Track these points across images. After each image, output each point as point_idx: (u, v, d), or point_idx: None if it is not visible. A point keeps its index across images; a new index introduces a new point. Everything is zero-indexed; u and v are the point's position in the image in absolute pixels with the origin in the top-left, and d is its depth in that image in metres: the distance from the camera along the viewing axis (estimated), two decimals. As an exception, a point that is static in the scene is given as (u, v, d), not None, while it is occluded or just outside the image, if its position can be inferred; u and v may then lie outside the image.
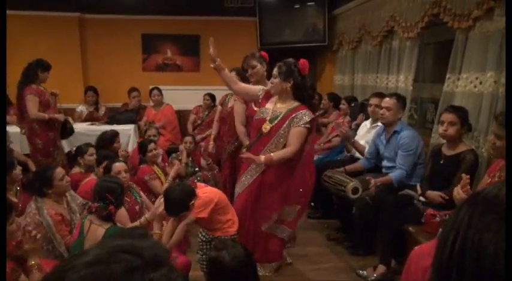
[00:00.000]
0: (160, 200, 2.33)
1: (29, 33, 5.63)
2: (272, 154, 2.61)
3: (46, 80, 4.01)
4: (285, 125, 2.64)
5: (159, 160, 4.13)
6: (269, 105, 2.75)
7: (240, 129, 3.41)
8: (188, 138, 4.30)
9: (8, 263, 1.90)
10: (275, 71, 2.69)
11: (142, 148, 3.56)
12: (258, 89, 2.89)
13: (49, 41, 5.64)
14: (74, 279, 0.50)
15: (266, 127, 2.68)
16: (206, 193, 2.42)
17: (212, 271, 1.73)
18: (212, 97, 5.53)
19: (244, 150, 3.03)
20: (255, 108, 3.03)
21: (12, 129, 4.12)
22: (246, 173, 2.82)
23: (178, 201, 2.25)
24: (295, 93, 2.68)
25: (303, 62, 2.67)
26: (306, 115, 2.62)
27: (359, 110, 4.24)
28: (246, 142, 3.19)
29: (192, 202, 2.29)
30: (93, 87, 5.64)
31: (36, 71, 3.94)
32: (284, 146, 2.66)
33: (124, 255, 0.53)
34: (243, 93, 3.02)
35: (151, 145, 3.51)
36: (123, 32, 5.96)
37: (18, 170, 2.87)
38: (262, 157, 2.59)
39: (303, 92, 2.69)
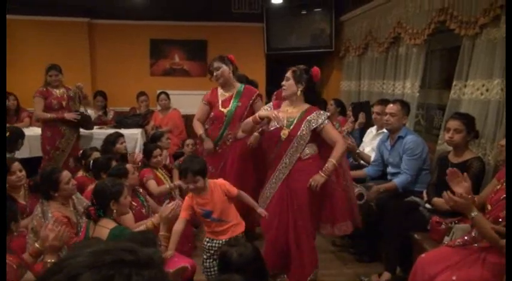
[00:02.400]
0: (167, 205, 2.35)
1: (39, 38, 5.73)
2: (330, 159, 2.62)
3: (53, 81, 4.20)
4: (302, 127, 2.69)
5: (167, 161, 4.16)
6: (281, 114, 2.75)
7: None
8: (189, 141, 4.32)
9: (14, 259, 1.92)
10: (289, 74, 2.77)
11: (147, 152, 3.58)
12: (263, 110, 2.87)
13: (59, 45, 5.72)
14: (71, 266, 0.57)
15: (284, 133, 2.71)
16: None
17: (220, 264, 1.86)
18: None
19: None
20: (221, 109, 3.26)
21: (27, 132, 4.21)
22: (273, 175, 2.80)
23: (203, 165, 2.47)
24: (306, 98, 2.78)
25: (316, 70, 2.78)
26: (321, 114, 2.73)
27: (359, 109, 4.25)
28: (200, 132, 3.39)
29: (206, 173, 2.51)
30: (102, 92, 5.70)
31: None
32: (305, 148, 2.70)
33: (120, 251, 0.60)
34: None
35: (157, 151, 3.52)
36: (132, 37, 6.03)
37: (21, 173, 2.90)
38: (321, 174, 2.61)
39: (313, 97, 2.82)
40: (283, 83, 2.78)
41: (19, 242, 2.44)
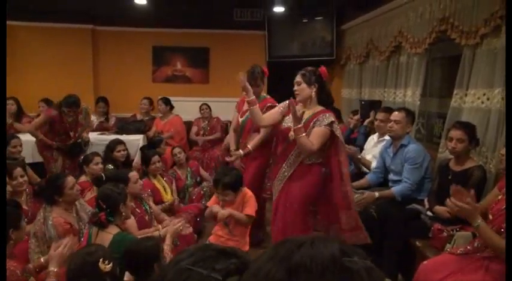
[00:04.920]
0: (175, 221, 2.40)
1: (43, 44, 5.78)
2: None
3: (68, 116, 3.99)
4: (308, 129, 2.65)
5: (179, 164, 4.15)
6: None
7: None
8: (176, 150, 4.23)
9: (18, 265, 1.93)
10: (298, 78, 2.75)
11: (145, 159, 3.56)
12: (278, 108, 2.87)
13: (62, 51, 5.78)
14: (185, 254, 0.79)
15: (292, 134, 2.68)
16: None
17: None
18: (209, 107, 5.81)
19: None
20: (239, 118, 3.33)
21: (24, 137, 4.19)
22: (278, 174, 2.82)
23: (235, 179, 2.49)
24: (319, 98, 2.77)
25: (323, 69, 2.80)
26: (327, 117, 2.67)
27: (369, 107, 4.28)
28: (232, 147, 3.52)
29: (241, 188, 2.56)
30: (105, 99, 5.73)
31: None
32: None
33: (216, 245, 0.83)
34: (272, 123, 2.92)
35: (155, 157, 3.50)
36: (134, 44, 6.08)
37: (23, 178, 2.91)
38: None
39: (327, 97, 2.81)
40: (295, 88, 2.76)
41: (21, 247, 2.44)
